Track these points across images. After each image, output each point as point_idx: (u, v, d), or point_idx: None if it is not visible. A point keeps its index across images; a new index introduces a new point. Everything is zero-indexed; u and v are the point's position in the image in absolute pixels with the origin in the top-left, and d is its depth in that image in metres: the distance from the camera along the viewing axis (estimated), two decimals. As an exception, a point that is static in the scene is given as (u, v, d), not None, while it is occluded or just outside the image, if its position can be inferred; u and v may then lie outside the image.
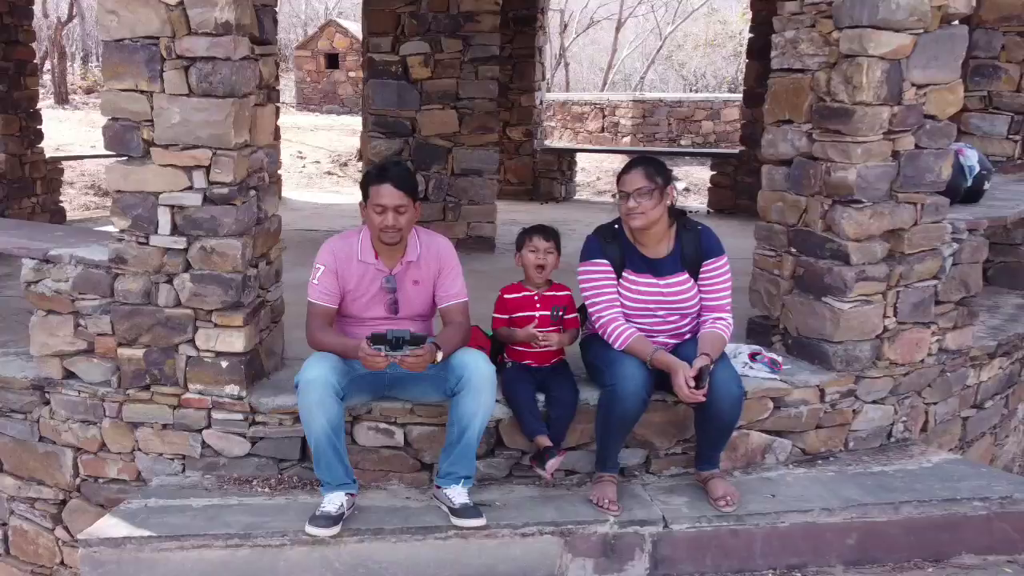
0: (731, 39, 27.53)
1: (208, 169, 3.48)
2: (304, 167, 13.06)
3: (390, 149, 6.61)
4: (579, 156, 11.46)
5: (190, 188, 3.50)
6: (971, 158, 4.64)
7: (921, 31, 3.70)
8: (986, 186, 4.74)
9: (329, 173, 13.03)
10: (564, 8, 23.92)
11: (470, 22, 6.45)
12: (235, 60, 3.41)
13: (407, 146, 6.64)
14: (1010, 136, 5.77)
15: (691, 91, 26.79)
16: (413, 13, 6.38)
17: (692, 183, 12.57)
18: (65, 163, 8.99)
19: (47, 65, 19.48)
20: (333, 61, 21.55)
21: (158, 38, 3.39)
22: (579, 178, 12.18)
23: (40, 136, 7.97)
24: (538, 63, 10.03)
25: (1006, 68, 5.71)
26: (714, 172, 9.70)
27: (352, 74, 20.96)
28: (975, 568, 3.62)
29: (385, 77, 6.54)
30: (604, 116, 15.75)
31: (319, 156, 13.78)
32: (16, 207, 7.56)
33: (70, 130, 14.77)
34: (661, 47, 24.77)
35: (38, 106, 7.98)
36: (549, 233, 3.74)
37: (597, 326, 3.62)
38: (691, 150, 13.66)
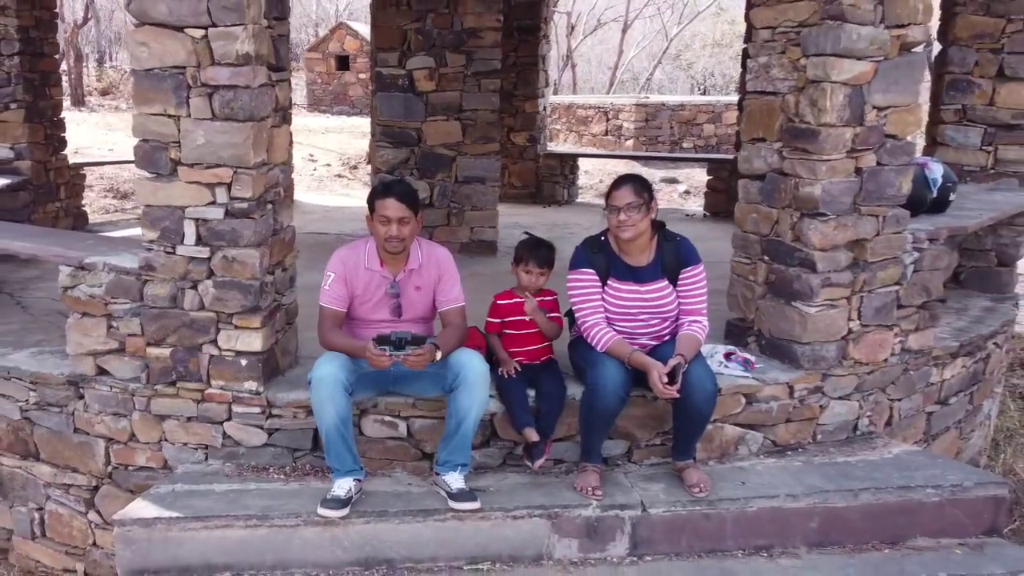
0: (739, 39, 27.65)
1: (229, 186, 3.82)
2: (315, 170, 13.40)
3: (397, 158, 6.95)
4: (582, 159, 11.78)
5: (213, 203, 3.85)
6: (936, 171, 4.95)
7: (881, 58, 4.02)
8: (951, 197, 5.05)
9: (339, 176, 13.37)
10: (571, 10, 24.20)
11: (473, 38, 6.75)
12: (254, 88, 3.75)
13: (413, 155, 6.96)
14: (983, 147, 6.05)
15: (699, 91, 27.05)
16: (419, 29, 6.71)
17: (692, 186, 12.88)
18: (86, 168, 9.35)
19: (63, 67, 19.89)
20: (343, 63, 21.92)
21: (184, 68, 3.73)
22: (582, 181, 12.52)
23: (64, 143, 8.32)
24: (541, 71, 10.33)
25: (979, 83, 6.00)
26: (710, 176, 9.98)
27: (362, 76, 21.32)
28: (928, 550, 3.94)
29: (392, 90, 6.86)
30: (608, 119, 16.07)
31: (330, 159, 14.12)
32: (41, 211, 7.91)
33: (87, 133, 15.15)
34: (667, 48, 25.02)
35: (61, 114, 8.34)
36: (543, 259, 4.07)
37: (582, 330, 3.97)
38: (686, 155, 13.91)
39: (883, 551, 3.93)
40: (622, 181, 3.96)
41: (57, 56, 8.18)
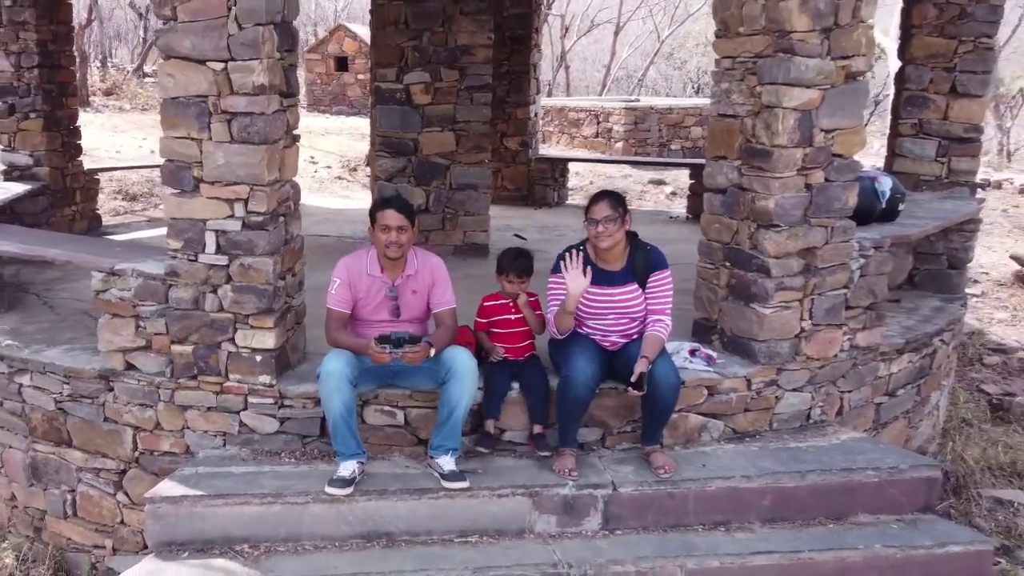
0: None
1: (246, 201, 4.30)
2: (316, 172, 13.82)
3: (395, 166, 7.41)
4: (572, 162, 12.24)
5: (231, 216, 4.33)
6: (885, 184, 5.43)
7: (828, 87, 4.50)
8: (900, 207, 5.54)
9: (339, 178, 13.77)
10: (565, 12, 24.65)
11: (466, 54, 7.19)
12: (268, 114, 4.23)
13: (410, 164, 7.40)
14: (938, 159, 6.56)
15: (692, 88, 27.45)
16: (415, 47, 7.15)
17: (679, 187, 13.32)
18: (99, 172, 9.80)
19: (68, 69, 20.22)
20: (342, 64, 22.32)
21: (207, 97, 4.21)
22: (573, 183, 12.97)
23: (79, 150, 8.76)
24: (533, 78, 10.79)
25: (934, 99, 6.49)
26: (692, 180, 10.39)
27: (360, 76, 21.73)
28: (868, 525, 4.42)
29: (391, 103, 7.30)
30: (599, 122, 16.54)
31: (330, 161, 14.50)
32: (59, 215, 8.35)
33: (93, 134, 15.45)
34: (659, 50, 25.47)
35: (77, 122, 8.79)
36: (522, 269, 4.55)
37: (548, 321, 4.48)
38: (670, 160, 14.29)
39: (828, 526, 4.41)
40: (600, 197, 4.44)
41: (73, 68, 8.62)
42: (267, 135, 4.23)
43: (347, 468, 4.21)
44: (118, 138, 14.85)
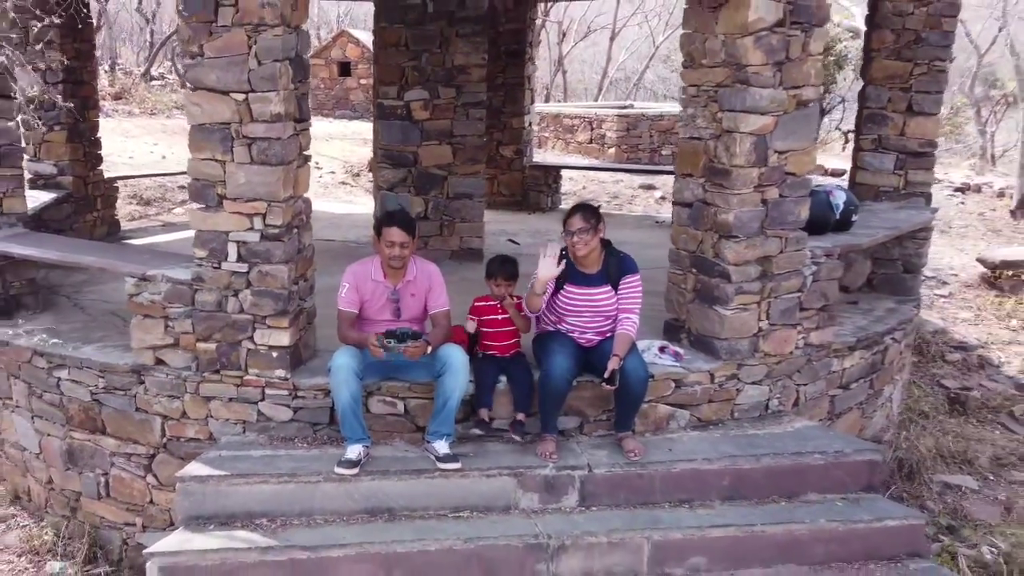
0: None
1: (264, 216, 4.85)
2: (320, 177, 14.34)
3: (396, 177, 7.95)
4: (564, 169, 12.81)
5: (251, 229, 4.87)
6: (839, 197, 5.99)
7: (781, 113, 5.05)
8: (854, 218, 6.10)
9: (343, 183, 14.29)
10: (562, 19, 25.21)
11: (462, 74, 7.72)
12: (284, 139, 4.78)
13: (410, 174, 7.92)
14: (896, 171, 7.11)
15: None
16: (415, 67, 7.68)
17: (668, 192, 13.85)
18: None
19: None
20: (345, 69, 22.80)
21: (230, 123, 4.76)
22: (567, 187, 13.52)
23: (100, 160, 9.31)
24: (527, 90, 11.33)
25: (892, 116, 7.05)
26: (679, 187, 10.97)
27: (363, 81, 22.22)
28: (816, 503, 4.97)
29: (392, 118, 7.83)
30: (592, 128, 17.12)
31: (334, 166, 15.00)
32: (81, 221, 8.90)
33: (106, 140, 15.87)
34: (654, 54, 26.04)
35: (98, 134, 9.34)
36: (508, 274, 5.08)
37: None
38: (659, 168, 14.64)
39: (780, 503, 4.96)
40: (574, 210, 5.01)
41: (95, 83, 9.18)
42: (283, 157, 4.79)
43: (354, 451, 4.76)
44: (130, 143, 15.37)
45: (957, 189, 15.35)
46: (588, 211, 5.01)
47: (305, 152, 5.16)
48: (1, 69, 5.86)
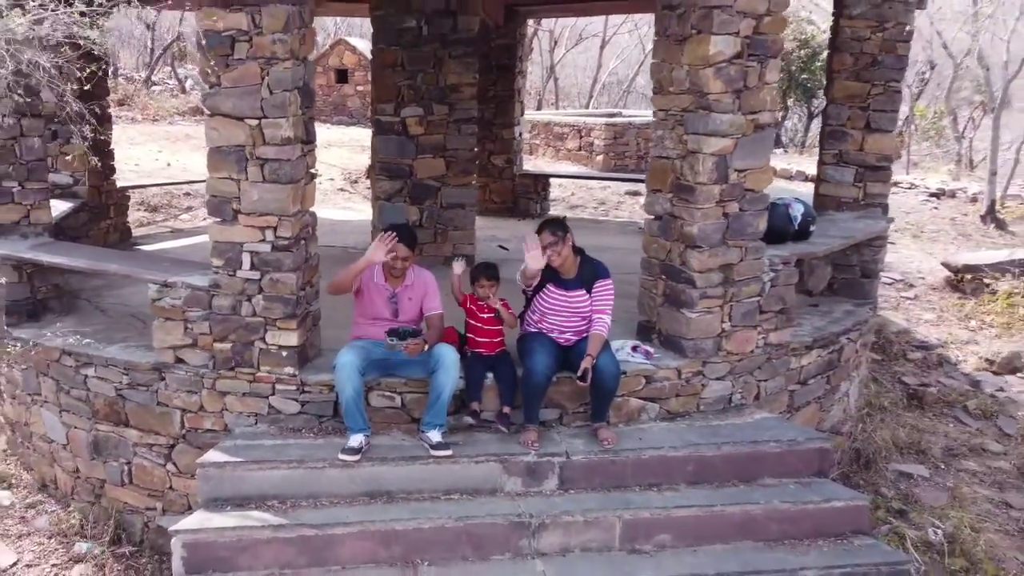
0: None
1: (275, 228, 5.38)
2: (320, 184, 14.86)
3: (393, 188, 8.47)
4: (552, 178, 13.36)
5: (263, 240, 5.41)
6: (797, 210, 6.55)
7: (740, 136, 5.59)
8: (812, 228, 6.66)
9: (342, 189, 14.77)
10: (554, 27, 25.75)
11: (454, 92, 8.24)
12: (293, 160, 5.32)
13: (406, 186, 8.44)
14: (856, 183, 7.66)
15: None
16: (410, 85, 8.21)
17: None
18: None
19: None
20: (343, 76, 23.23)
21: (244, 146, 5.29)
22: (556, 193, 14.06)
23: (113, 170, 9.83)
24: (517, 102, 11.87)
25: (852, 133, 7.59)
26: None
27: (360, 88, 22.69)
28: (771, 486, 5.51)
29: (389, 133, 8.34)
30: (581, 136, 17.69)
31: (333, 173, 15.46)
32: (96, 228, 9.43)
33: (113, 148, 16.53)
34: (644, 60, 26.56)
35: (111, 146, 9.86)
36: (491, 275, 5.61)
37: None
38: (641, 177, 15.22)
39: (739, 486, 5.51)
40: (542, 227, 5.59)
41: (108, 100, 9.69)
42: (292, 176, 5.33)
43: (356, 440, 5.29)
44: (135, 151, 15.82)
45: (932, 195, 15.88)
46: (554, 225, 5.58)
47: (311, 170, 5.70)
48: (32, 92, 6.36)
